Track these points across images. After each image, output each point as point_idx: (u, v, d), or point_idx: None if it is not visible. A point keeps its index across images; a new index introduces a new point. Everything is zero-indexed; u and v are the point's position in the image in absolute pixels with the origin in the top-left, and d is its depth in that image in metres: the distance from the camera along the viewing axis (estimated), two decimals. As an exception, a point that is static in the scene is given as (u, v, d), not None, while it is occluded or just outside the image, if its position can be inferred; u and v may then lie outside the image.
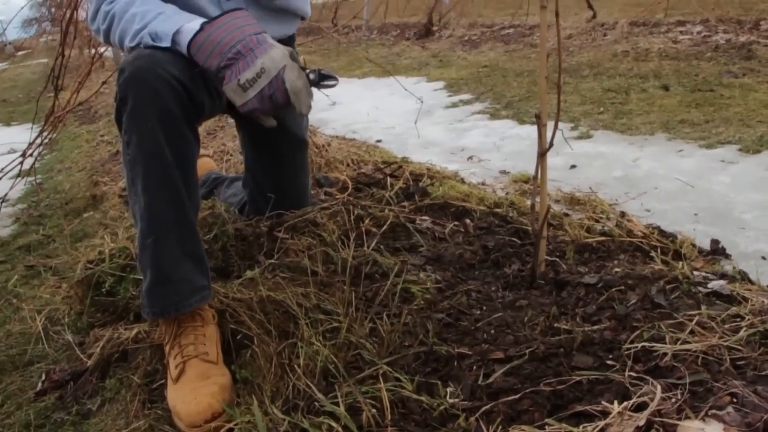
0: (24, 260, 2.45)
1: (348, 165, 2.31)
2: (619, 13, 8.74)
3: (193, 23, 1.26)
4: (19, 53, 33.43)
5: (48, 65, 14.70)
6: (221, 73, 1.24)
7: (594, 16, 6.59)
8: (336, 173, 2.21)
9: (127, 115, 1.24)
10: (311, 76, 1.28)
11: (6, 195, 3.22)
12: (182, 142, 1.27)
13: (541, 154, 1.44)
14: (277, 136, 1.41)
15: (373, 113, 4.07)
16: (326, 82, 1.31)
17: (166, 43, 1.26)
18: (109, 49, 6.20)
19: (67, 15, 2.60)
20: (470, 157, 2.88)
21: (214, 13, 1.49)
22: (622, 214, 2.01)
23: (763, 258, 1.76)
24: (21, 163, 3.08)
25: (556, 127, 1.41)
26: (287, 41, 1.75)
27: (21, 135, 5.95)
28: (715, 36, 5.49)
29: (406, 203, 1.97)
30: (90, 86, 4.93)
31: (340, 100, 4.40)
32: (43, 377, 1.58)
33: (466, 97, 4.31)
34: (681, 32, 5.83)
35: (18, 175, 3.33)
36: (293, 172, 1.78)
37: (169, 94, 1.22)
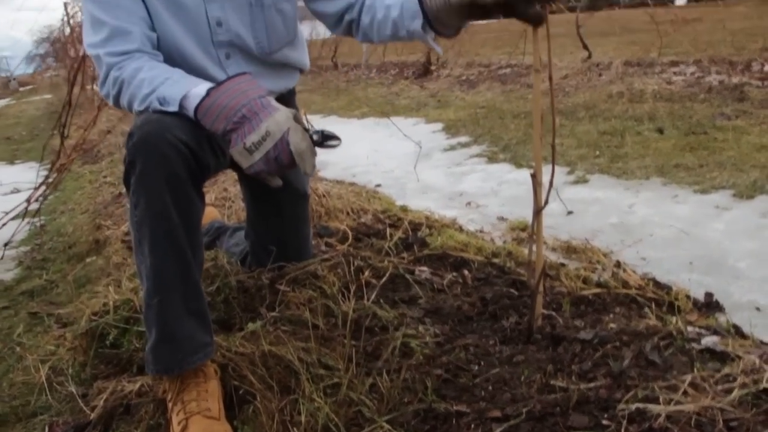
0: (27, 306, 2.47)
1: (348, 214, 2.35)
2: (614, 51, 8.89)
3: (200, 88, 1.31)
4: (23, 89, 33.79)
5: (51, 102, 14.83)
6: (227, 137, 1.28)
7: (589, 56, 6.71)
8: (336, 223, 2.26)
9: (135, 179, 1.29)
10: (314, 136, 1.33)
11: (10, 239, 3.25)
12: (188, 203, 1.32)
13: (537, 212, 1.48)
14: (278, 190, 1.45)
15: (373, 156, 4.13)
16: (329, 143, 1.35)
17: (174, 108, 1.31)
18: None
19: (75, 66, 2.66)
20: (468, 203, 2.93)
21: (216, 73, 1.55)
22: (618, 264, 2.04)
23: (757, 309, 1.79)
24: (26, 208, 3.12)
25: (551, 187, 1.45)
26: (288, 95, 1.81)
27: (24, 174, 6.01)
28: (708, 77, 5.60)
29: (405, 254, 2.00)
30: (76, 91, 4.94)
31: (340, 141, 4.47)
32: (47, 430, 1.59)
33: (464, 139, 4.38)
34: (675, 73, 5.95)
35: (23, 216, 3.37)
36: (295, 225, 1.83)
37: (176, 158, 1.27)
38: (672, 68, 6.13)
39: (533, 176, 1.46)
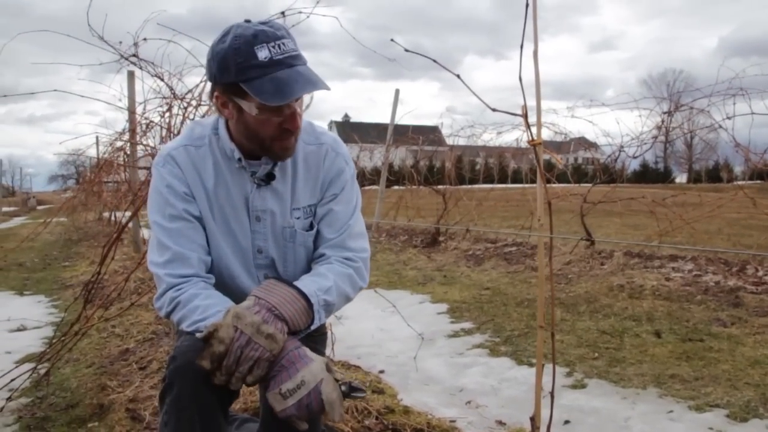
0: (24, 477, 2.47)
1: (353, 414, 2.43)
2: (617, 235, 9.23)
3: None
4: (40, 207, 34.62)
5: (67, 227, 15.09)
6: (265, 381, 1.42)
7: (592, 244, 6.99)
8: (341, 425, 2.33)
9: (170, 400, 1.42)
10: (343, 387, 1.45)
11: (12, 394, 3.27)
12: (215, 429, 1.43)
13: (534, 455, 1.57)
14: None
15: (378, 335, 4.24)
16: (355, 394, 1.48)
17: None
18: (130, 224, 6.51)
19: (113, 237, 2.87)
20: (468, 402, 3.00)
21: None
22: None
23: None
24: (34, 368, 3.17)
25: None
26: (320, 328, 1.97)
27: (32, 309, 6.11)
28: (705, 276, 5.80)
29: (405, 467, 2.06)
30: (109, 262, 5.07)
31: (347, 314, 4.59)
32: None
33: (467, 325, 4.50)
34: (673, 269, 6.17)
35: (34, 368, 3.42)
36: (308, 433, 1.91)
37: (211, 388, 1.40)
38: (671, 263, 6.36)
39: (532, 419, 1.57)
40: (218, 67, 1.50)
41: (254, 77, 1.46)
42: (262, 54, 1.45)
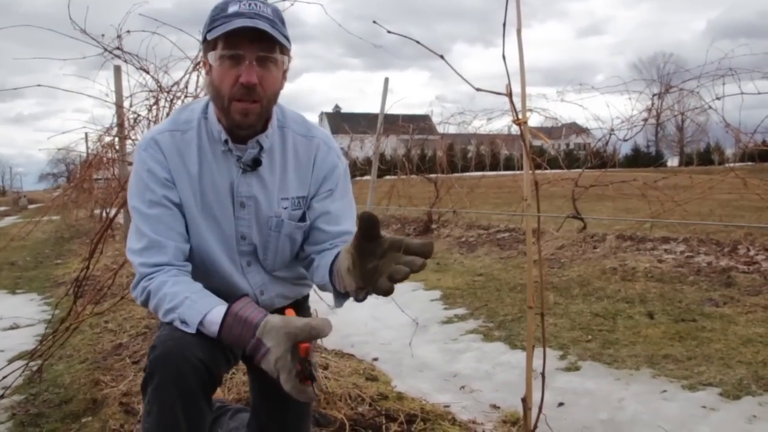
0: (18, 473, 2.46)
1: (346, 401, 2.43)
2: (609, 218, 9.24)
3: (213, 314, 1.44)
4: (32, 206, 34.44)
5: (58, 225, 14.98)
6: (249, 354, 1.41)
7: (584, 227, 7.00)
8: (334, 411, 2.33)
9: (152, 389, 1.41)
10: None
11: (5, 390, 3.25)
12: (198, 415, 1.44)
13: (526, 436, 1.57)
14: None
15: (371, 324, 4.24)
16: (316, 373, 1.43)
17: (192, 331, 1.45)
18: (120, 217, 6.45)
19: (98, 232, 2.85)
20: (462, 387, 3.00)
21: (238, 279, 1.73)
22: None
23: None
24: (26, 365, 3.16)
25: (540, 412, 1.55)
26: (303, 300, 1.97)
27: (25, 307, 6.08)
28: (697, 257, 5.82)
29: (398, 452, 2.06)
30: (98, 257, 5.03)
31: (340, 303, 4.59)
32: None
33: (460, 311, 4.51)
34: (665, 250, 6.19)
35: (25, 364, 3.40)
36: (297, 421, 1.91)
37: (192, 375, 1.40)
38: (663, 245, 6.38)
39: (524, 400, 1.57)
40: (203, 29, 1.58)
41: (217, 26, 1.52)
42: (233, 8, 1.52)
